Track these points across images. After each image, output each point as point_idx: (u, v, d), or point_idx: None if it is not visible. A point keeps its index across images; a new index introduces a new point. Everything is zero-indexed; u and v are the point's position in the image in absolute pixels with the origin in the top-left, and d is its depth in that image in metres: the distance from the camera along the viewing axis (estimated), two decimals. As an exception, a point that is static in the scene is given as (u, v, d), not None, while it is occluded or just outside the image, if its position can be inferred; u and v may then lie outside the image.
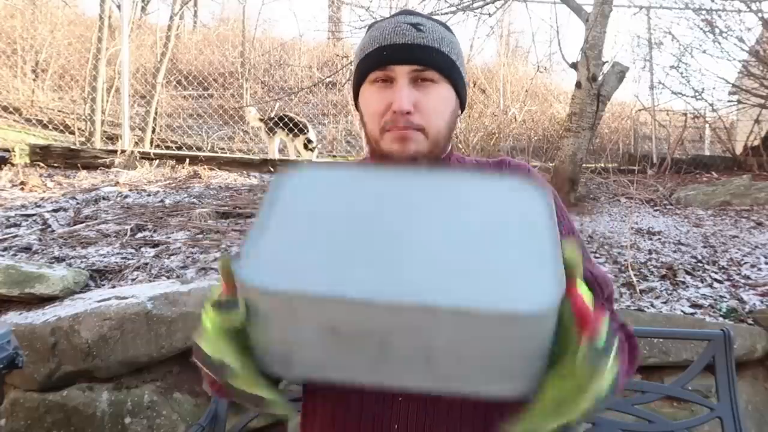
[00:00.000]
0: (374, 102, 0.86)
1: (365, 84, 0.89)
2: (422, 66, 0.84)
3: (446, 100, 0.88)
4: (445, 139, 0.89)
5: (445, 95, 0.87)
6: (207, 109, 7.32)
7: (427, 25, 0.87)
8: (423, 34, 0.85)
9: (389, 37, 0.85)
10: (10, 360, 1.27)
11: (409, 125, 0.84)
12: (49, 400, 1.97)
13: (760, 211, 3.88)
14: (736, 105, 6.14)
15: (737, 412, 1.44)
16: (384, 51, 0.85)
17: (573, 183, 3.92)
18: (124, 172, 4.47)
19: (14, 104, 6.67)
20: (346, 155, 6.86)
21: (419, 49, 0.84)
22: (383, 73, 0.85)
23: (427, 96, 0.85)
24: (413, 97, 0.84)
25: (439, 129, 0.87)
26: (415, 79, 0.85)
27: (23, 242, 2.79)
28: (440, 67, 0.85)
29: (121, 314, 1.99)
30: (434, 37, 0.86)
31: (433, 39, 0.86)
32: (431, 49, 0.85)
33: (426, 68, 0.84)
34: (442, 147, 0.90)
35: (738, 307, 2.33)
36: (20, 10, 7.71)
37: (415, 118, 0.84)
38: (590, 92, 3.74)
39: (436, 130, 0.86)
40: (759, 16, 5.36)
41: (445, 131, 0.88)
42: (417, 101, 0.84)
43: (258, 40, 9.13)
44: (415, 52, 0.84)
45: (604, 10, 3.80)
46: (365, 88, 0.89)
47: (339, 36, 9.36)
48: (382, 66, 0.85)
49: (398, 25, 0.86)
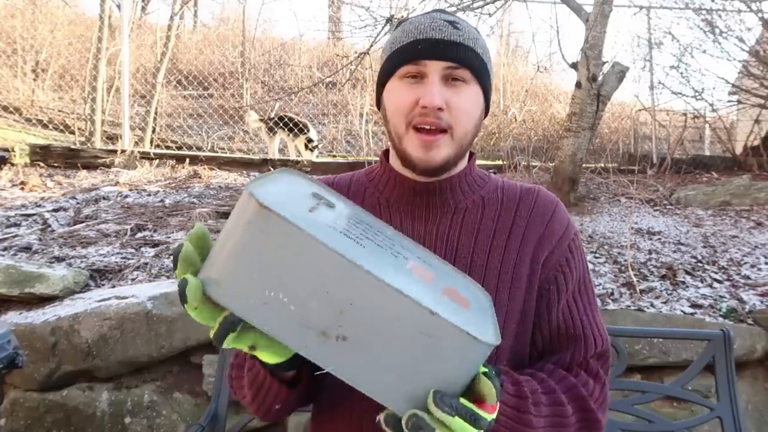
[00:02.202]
0: (402, 97, 0.83)
1: (393, 78, 0.85)
2: (456, 63, 0.82)
3: (476, 102, 0.85)
4: (470, 143, 0.87)
5: (475, 96, 0.85)
6: (207, 109, 7.32)
7: (463, 24, 0.85)
8: (459, 32, 0.83)
9: (425, 31, 0.83)
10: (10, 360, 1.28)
11: (437, 123, 0.82)
12: (49, 400, 1.97)
13: (760, 211, 3.88)
14: (736, 105, 6.14)
15: (737, 412, 1.44)
16: (419, 45, 0.82)
17: (573, 183, 3.92)
18: (124, 171, 4.47)
19: (14, 104, 6.67)
20: (346, 155, 6.86)
21: (455, 46, 0.82)
22: (415, 67, 0.82)
23: (458, 95, 0.83)
24: (445, 94, 0.82)
25: (466, 131, 0.85)
26: (447, 77, 0.82)
27: (23, 242, 2.79)
28: (474, 66, 0.83)
29: (121, 314, 1.99)
30: (470, 36, 0.84)
31: (468, 38, 0.83)
32: (466, 48, 0.82)
33: (460, 66, 0.82)
34: (465, 151, 0.88)
35: (738, 307, 2.33)
36: (20, 9, 7.71)
37: (445, 115, 0.82)
38: (590, 92, 3.74)
39: (463, 131, 0.84)
40: (759, 16, 5.36)
41: (471, 134, 0.86)
42: (448, 99, 0.82)
43: (258, 40, 9.13)
44: (450, 49, 0.82)
45: (604, 10, 3.80)
46: (393, 83, 0.85)
47: (339, 36, 9.36)
48: (415, 60, 0.82)
49: (435, 20, 0.84)
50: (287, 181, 0.67)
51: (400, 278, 0.60)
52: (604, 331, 0.91)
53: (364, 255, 0.59)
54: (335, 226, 0.63)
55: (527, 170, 4.82)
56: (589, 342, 0.88)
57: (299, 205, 0.63)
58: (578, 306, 0.90)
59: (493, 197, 0.92)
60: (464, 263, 0.86)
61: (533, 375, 0.83)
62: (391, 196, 0.92)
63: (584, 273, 0.92)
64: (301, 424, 1.94)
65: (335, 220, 0.65)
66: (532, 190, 0.93)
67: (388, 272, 0.58)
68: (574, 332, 0.88)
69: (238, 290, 0.58)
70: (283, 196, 0.62)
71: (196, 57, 9.03)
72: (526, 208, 0.90)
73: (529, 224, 0.89)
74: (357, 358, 0.59)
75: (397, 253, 0.67)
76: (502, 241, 0.88)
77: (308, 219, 0.60)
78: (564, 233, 0.90)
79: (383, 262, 0.62)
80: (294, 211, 0.59)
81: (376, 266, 0.58)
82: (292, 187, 0.67)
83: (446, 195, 0.89)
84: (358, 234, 0.64)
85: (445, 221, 0.89)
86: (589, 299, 0.92)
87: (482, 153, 6.57)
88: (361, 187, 0.95)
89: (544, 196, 0.93)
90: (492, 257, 0.86)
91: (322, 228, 0.59)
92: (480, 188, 0.92)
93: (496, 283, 0.85)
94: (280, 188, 0.64)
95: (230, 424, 1.50)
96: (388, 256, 0.65)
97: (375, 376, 0.60)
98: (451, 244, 0.87)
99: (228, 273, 0.59)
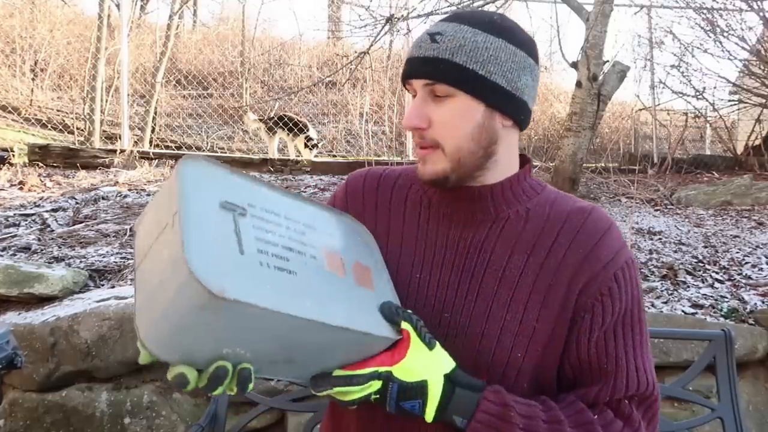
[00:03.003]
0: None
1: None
2: (431, 80, 0.80)
3: (465, 114, 0.81)
4: (474, 154, 0.82)
5: (464, 109, 0.80)
6: (206, 109, 7.32)
7: (448, 32, 0.80)
8: (436, 45, 0.80)
9: (412, 49, 0.83)
10: (9, 360, 1.27)
11: (423, 141, 0.82)
12: (48, 401, 1.97)
13: (761, 211, 3.88)
14: (737, 104, 6.14)
15: (738, 412, 1.43)
16: (407, 65, 0.83)
17: (573, 183, 3.91)
18: (123, 171, 4.46)
19: (13, 104, 6.67)
20: (346, 155, 6.85)
21: (428, 62, 0.80)
22: (410, 87, 0.84)
23: (439, 110, 0.81)
24: (425, 112, 0.81)
25: (457, 145, 0.81)
26: (430, 93, 0.81)
27: (22, 242, 2.78)
28: (451, 79, 0.79)
29: (121, 314, 1.98)
30: (448, 46, 0.79)
31: (445, 49, 0.79)
32: (439, 62, 0.79)
33: (435, 82, 0.80)
34: (473, 163, 0.83)
35: (739, 307, 2.32)
36: (19, 9, 7.70)
37: (429, 133, 0.81)
38: (591, 92, 3.73)
39: (453, 146, 0.81)
40: (760, 15, 5.36)
41: (471, 146, 0.82)
42: (430, 115, 0.81)
43: (258, 40, 9.13)
44: (424, 65, 0.80)
45: (605, 10, 3.79)
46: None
47: (339, 35, 9.35)
48: (405, 80, 0.84)
49: (421, 35, 0.83)
50: (192, 197, 0.66)
51: (330, 296, 0.70)
52: (649, 374, 0.83)
53: (302, 291, 0.67)
54: (262, 257, 0.66)
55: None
56: (621, 380, 0.81)
57: (222, 243, 0.64)
58: (617, 341, 0.83)
59: (540, 212, 0.87)
60: (496, 275, 0.83)
61: (543, 401, 0.80)
62: (433, 196, 0.90)
63: (633, 307, 0.84)
64: (301, 424, 1.93)
65: (256, 239, 0.68)
66: (584, 209, 0.87)
67: (324, 302, 0.68)
68: (606, 368, 0.82)
69: (191, 350, 0.63)
70: (204, 233, 0.62)
71: (195, 56, 9.03)
72: (572, 229, 0.84)
73: (573, 246, 0.83)
74: (296, 369, 0.73)
75: (312, 256, 0.74)
76: (540, 259, 0.83)
77: (242, 265, 0.63)
78: (611, 260, 0.83)
79: (315, 285, 0.70)
80: (224, 263, 0.62)
81: (317, 303, 0.67)
82: (203, 207, 0.66)
83: (487, 202, 0.86)
84: (281, 251, 0.70)
85: (483, 229, 0.86)
86: (634, 336, 0.84)
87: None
88: (407, 182, 0.94)
89: (595, 217, 0.86)
90: (526, 274, 0.83)
91: (257, 275, 0.64)
92: (528, 199, 0.88)
93: (525, 300, 0.82)
94: (199, 215, 0.64)
95: (230, 425, 1.50)
96: (311, 268, 0.72)
97: (305, 373, 0.74)
98: (484, 253, 0.85)
99: (177, 342, 0.62)
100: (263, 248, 0.68)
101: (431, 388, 0.74)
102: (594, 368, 0.83)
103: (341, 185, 0.99)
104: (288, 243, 0.72)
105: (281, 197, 0.79)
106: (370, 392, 0.73)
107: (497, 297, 0.82)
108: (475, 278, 0.84)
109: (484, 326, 0.82)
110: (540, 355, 0.82)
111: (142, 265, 0.68)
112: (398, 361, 0.73)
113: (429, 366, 0.74)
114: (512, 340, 0.81)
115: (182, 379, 0.64)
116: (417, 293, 0.85)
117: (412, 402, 0.73)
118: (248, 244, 0.66)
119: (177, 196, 0.64)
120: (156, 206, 0.71)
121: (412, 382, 0.73)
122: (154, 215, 0.70)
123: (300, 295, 0.66)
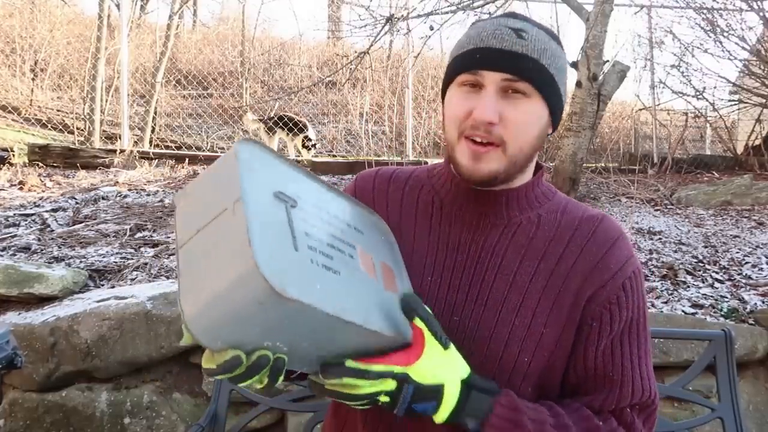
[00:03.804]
0: (457, 105, 0.81)
1: (453, 84, 0.83)
2: (515, 76, 0.77)
3: (535, 117, 0.80)
4: (527, 158, 0.83)
5: (536, 111, 0.80)
6: (206, 109, 7.32)
7: (531, 32, 0.80)
8: (523, 41, 0.78)
9: (486, 39, 0.79)
10: (9, 360, 1.27)
11: (488, 137, 0.79)
12: (48, 401, 1.97)
13: (761, 211, 3.88)
14: (738, 104, 6.14)
15: (738, 412, 1.43)
16: (477, 54, 0.79)
17: (573, 183, 3.91)
18: (123, 171, 4.46)
19: (13, 104, 6.67)
20: (346, 155, 6.85)
21: (515, 57, 0.77)
22: (473, 77, 0.79)
23: (515, 109, 0.78)
24: (499, 107, 0.78)
25: (521, 147, 0.80)
26: (505, 89, 0.78)
27: (22, 242, 2.78)
28: (535, 80, 0.78)
29: (121, 314, 1.99)
30: (536, 46, 0.78)
31: (533, 48, 0.78)
32: (528, 59, 0.77)
33: (519, 79, 0.77)
34: (521, 166, 0.83)
35: (739, 307, 2.32)
36: (19, 9, 7.70)
37: (497, 129, 0.78)
38: (591, 92, 3.73)
39: (517, 147, 0.80)
40: (760, 15, 5.36)
41: (528, 150, 0.82)
42: (503, 113, 0.78)
43: (258, 40, 9.13)
44: (510, 60, 0.77)
45: (605, 9, 3.79)
46: (452, 89, 0.83)
47: (339, 35, 9.35)
48: (472, 69, 0.79)
49: (498, 27, 0.79)
50: (253, 185, 0.67)
51: (367, 299, 0.72)
52: (652, 382, 0.85)
53: (345, 292, 0.69)
54: (312, 254, 0.67)
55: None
56: (627, 389, 0.82)
57: (279, 237, 0.65)
58: (623, 349, 0.84)
59: (551, 218, 0.87)
60: (506, 280, 0.83)
61: (550, 407, 0.80)
62: (446, 197, 0.89)
63: (639, 316, 0.85)
64: (301, 424, 1.93)
65: (305, 235, 0.69)
66: (594, 218, 0.87)
67: (362, 305, 0.70)
68: (612, 376, 0.83)
69: (236, 339, 0.63)
70: (264, 227, 0.63)
71: (195, 56, 9.03)
72: (582, 237, 0.85)
73: (583, 254, 0.84)
74: (317, 362, 0.72)
75: (351, 256, 0.75)
76: (550, 266, 0.83)
77: (297, 262, 0.64)
78: (620, 269, 0.83)
79: (355, 286, 0.71)
80: (282, 258, 0.62)
81: (356, 305, 0.68)
82: (262, 196, 0.67)
83: (501, 207, 0.86)
84: (326, 248, 0.71)
85: (495, 233, 0.86)
86: (639, 345, 0.85)
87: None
88: (419, 182, 0.94)
89: (606, 226, 0.86)
90: (536, 280, 0.83)
91: (309, 274, 0.65)
92: (540, 206, 0.88)
93: (534, 307, 0.82)
94: (259, 205, 0.64)
95: (230, 425, 1.50)
96: (351, 267, 0.73)
97: (312, 364, 0.73)
98: (496, 257, 0.84)
99: (225, 330, 0.62)
100: (312, 245, 0.68)
101: (447, 390, 0.73)
102: (599, 376, 0.83)
103: (350, 185, 0.99)
104: (331, 240, 0.73)
105: (320, 188, 0.80)
106: (380, 390, 0.71)
107: (507, 302, 0.82)
108: (485, 282, 0.84)
109: (492, 330, 0.82)
110: (546, 361, 0.83)
111: (189, 245, 0.66)
112: (413, 362, 0.72)
113: (445, 367, 0.73)
114: (520, 345, 0.81)
115: (236, 361, 0.62)
116: (427, 295, 0.85)
117: (425, 404, 0.72)
118: (300, 239, 0.67)
119: (239, 180, 0.64)
120: (209, 184, 0.70)
121: (429, 384, 0.72)
122: (207, 193, 0.69)
123: (344, 297, 0.68)
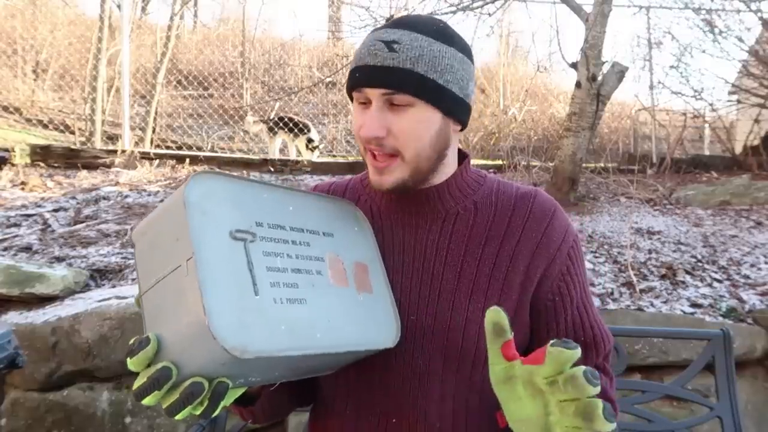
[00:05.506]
0: (355, 122, 0.84)
1: (354, 100, 0.85)
2: (391, 90, 0.79)
3: (425, 123, 0.81)
4: (430, 160, 0.84)
5: (423, 117, 0.81)
6: (207, 109, 7.32)
7: (405, 41, 0.79)
8: (394, 54, 0.79)
9: (363, 56, 0.81)
10: (11, 360, 1.28)
11: (382, 149, 0.81)
12: (49, 400, 1.97)
13: (759, 211, 3.89)
14: (736, 105, 6.14)
15: (737, 411, 1.44)
16: (356, 72, 0.81)
17: (573, 183, 3.92)
18: (124, 171, 4.47)
19: (14, 104, 6.68)
20: (346, 155, 6.86)
21: (387, 71, 0.79)
22: (360, 94, 0.82)
23: (400, 120, 0.80)
24: (385, 121, 0.80)
25: (417, 153, 0.82)
26: (388, 102, 0.80)
27: (24, 242, 2.79)
28: (413, 89, 0.79)
29: (122, 314, 1.99)
30: (409, 56, 0.79)
31: (405, 59, 0.78)
32: (400, 71, 0.78)
33: (396, 92, 0.79)
34: (428, 168, 0.85)
35: (737, 307, 2.33)
36: (20, 10, 7.71)
37: (389, 142, 0.81)
38: (590, 92, 3.74)
39: (414, 153, 0.82)
40: (758, 16, 5.37)
41: (429, 153, 0.83)
42: (390, 125, 0.80)
43: (258, 40, 9.14)
44: (382, 75, 0.79)
45: (604, 10, 3.80)
46: (353, 104, 0.85)
47: (339, 36, 9.36)
48: (357, 88, 0.82)
49: (373, 43, 0.80)
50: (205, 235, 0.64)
51: (338, 317, 0.73)
52: (606, 329, 0.93)
53: (312, 322, 0.69)
54: (274, 292, 0.67)
55: (527, 170, 4.83)
56: (600, 346, 0.90)
57: (238, 287, 0.64)
58: (586, 311, 0.90)
59: (487, 202, 0.90)
60: (454, 271, 0.85)
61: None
62: (381, 204, 0.92)
63: (584, 277, 0.92)
64: (302, 423, 1.94)
65: (267, 270, 0.68)
66: (528, 194, 0.90)
67: (332, 329, 0.71)
68: (585, 340, 0.88)
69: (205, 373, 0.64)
70: (220, 281, 0.62)
71: (196, 57, 9.03)
72: (522, 215, 0.88)
73: (525, 231, 0.87)
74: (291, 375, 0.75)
75: (318, 272, 0.75)
76: (494, 249, 0.86)
77: (258, 310, 0.64)
78: (563, 240, 0.88)
79: (324, 308, 0.72)
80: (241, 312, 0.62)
81: (327, 331, 0.70)
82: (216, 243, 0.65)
83: (435, 202, 0.88)
84: (290, 276, 0.71)
85: (435, 229, 0.88)
86: (591, 302, 0.92)
87: (482, 152, 6.57)
88: (355, 194, 0.96)
89: (541, 201, 0.90)
90: (482, 265, 0.85)
91: (272, 318, 0.65)
92: (473, 192, 0.91)
93: (485, 289, 0.84)
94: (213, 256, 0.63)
95: (230, 425, 1.50)
96: (318, 288, 0.73)
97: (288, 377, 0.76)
98: (440, 252, 0.86)
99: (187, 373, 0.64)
100: (275, 279, 0.68)
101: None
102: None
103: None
104: (296, 264, 0.73)
105: (282, 198, 0.79)
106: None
107: (458, 291, 0.85)
108: (435, 277, 0.86)
109: (449, 321, 0.84)
110: None
111: (150, 294, 0.67)
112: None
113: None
114: (477, 330, 0.83)
115: (166, 372, 0.64)
116: None
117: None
118: (261, 280, 0.67)
119: (188, 233, 0.63)
120: (164, 224, 0.68)
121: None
122: (162, 236, 0.67)
123: (312, 328, 0.69)
